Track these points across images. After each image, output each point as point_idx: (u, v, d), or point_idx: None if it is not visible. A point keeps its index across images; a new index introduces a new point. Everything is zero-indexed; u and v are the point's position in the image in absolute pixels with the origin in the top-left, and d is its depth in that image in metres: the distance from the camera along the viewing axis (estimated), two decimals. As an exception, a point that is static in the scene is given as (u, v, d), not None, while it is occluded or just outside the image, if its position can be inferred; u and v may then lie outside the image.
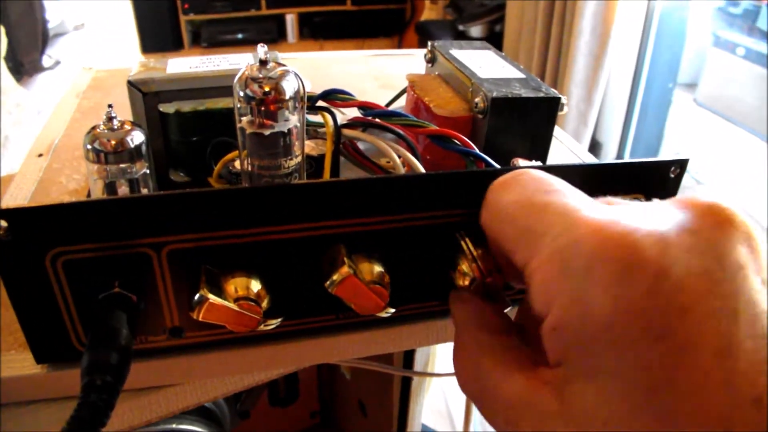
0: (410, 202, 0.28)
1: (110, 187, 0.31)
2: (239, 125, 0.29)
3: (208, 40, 3.41)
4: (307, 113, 0.34)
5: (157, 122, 0.38)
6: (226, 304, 0.26)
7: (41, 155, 0.49)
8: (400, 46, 3.57)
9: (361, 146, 0.38)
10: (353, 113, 0.37)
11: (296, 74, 0.29)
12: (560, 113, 0.37)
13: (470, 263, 0.28)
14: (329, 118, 0.33)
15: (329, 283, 0.27)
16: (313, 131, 0.38)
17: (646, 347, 0.18)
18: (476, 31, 2.66)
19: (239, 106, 0.29)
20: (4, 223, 0.25)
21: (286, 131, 0.29)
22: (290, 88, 0.28)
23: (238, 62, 0.40)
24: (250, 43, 3.43)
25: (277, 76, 0.28)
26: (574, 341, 0.19)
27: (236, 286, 0.27)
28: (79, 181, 0.45)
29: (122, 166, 0.31)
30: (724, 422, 0.16)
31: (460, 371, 0.24)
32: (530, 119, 0.36)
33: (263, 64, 0.28)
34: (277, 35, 3.52)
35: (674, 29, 2.05)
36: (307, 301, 0.30)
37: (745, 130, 1.91)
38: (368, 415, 0.80)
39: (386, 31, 3.64)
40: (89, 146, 0.31)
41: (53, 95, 2.92)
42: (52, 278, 0.26)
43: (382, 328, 0.33)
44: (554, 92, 0.36)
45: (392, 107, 0.47)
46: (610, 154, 2.26)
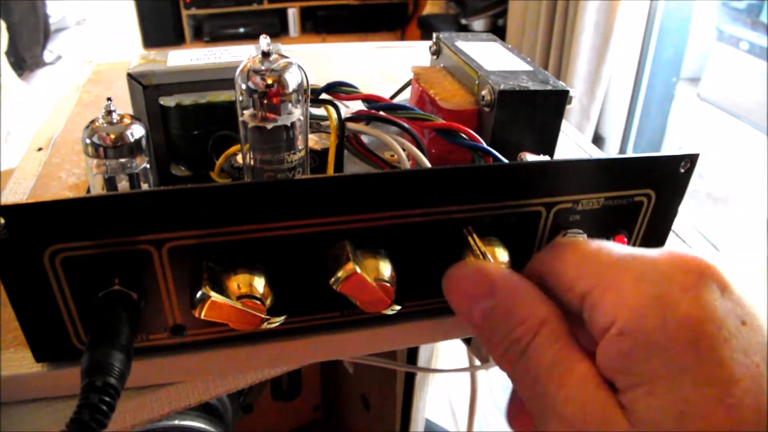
0: (416, 197, 0.27)
1: (110, 182, 0.31)
2: (241, 119, 0.28)
3: (210, 34, 3.40)
4: (310, 106, 0.34)
5: (157, 115, 0.38)
6: (228, 302, 0.25)
7: (41, 149, 0.48)
8: (402, 40, 3.56)
9: (365, 139, 0.37)
10: (357, 106, 0.37)
11: (299, 66, 0.28)
12: (567, 106, 0.36)
13: (478, 258, 0.27)
14: (333, 111, 0.33)
15: (334, 280, 0.26)
16: (315, 124, 0.37)
17: (722, 344, 0.20)
18: (479, 25, 2.65)
19: (241, 98, 0.28)
20: (1, 220, 0.24)
21: (289, 125, 0.28)
22: (293, 80, 0.27)
23: (239, 54, 0.40)
24: (252, 37, 3.42)
25: (279, 68, 0.27)
26: (644, 343, 0.21)
27: (239, 283, 0.26)
28: (79, 175, 0.44)
29: (122, 160, 0.30)
30: None
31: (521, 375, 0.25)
32: (538, 112, 0.35)
33: (266, 56, 0.27)
34: (279, 29, 3.51)
35: (677, 24, 2.04)
36: (311, 298, 0.29)
37: (748, 124, 1.90)
38: (371, 409, 0.80)
39: (389, 25, 3.63)
40: (88, 140, 0.30)
41: (55, 90, 2.91)
42: (50, 276, 0.26)
43: (387, 325, 0.32)
44: (562, 85, 0.36)
45: (396, 100, 0.47)
46: (612, 148, 2.26)
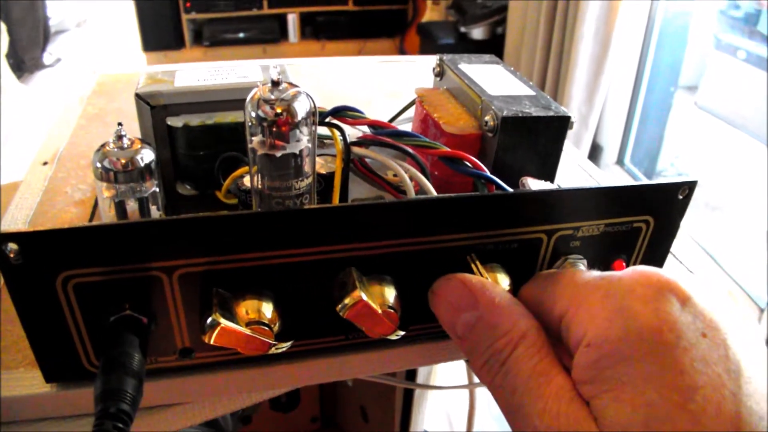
0: (421, 225, 0.28)
1: (119, 205, 0.31)
2: (250, 145, 0.29)
3: (209, 38, 3.40)
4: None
5: (164, 135, 0.38)
6: (238, 328, 0.26)
7: (46, 163, 0.49)
8: (401, 46, 3.57)
9: (367, 159, 0.38)
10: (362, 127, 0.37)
11: (308, 95, 0.29)
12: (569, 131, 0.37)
13: None
14: (339, 136, 0.33)
15: (341, 306, 0.27)
16: (319, 143, 0.38)
17: (681, 352, 0.21)
18: (478, 32, 2.66)
19: (250, 125, 0.29)
20: (14, 246, 0.24)
21: (297, 152, 0.29)
22: (302, 109, 0.28)
23: (246, 75, 0.40)
24: (251, 42, 3.43)
25: (289, 97, 0.28)
26: (609, 352, 0.22)
27: (247, 309, 0.27)
28: (85, 191, 0.45)
29: (132, 184, 0.31)
30: (734, 423, 0.20)
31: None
32: (540, 138, 0.36)
33: (275, 84, 0.28)
34: (278, 35, 3.51)
35: (676, 32, 2.05)
36: (316, 322, 0.30)
37: (745, 133, 1.91)
38: (369, 420, 0.80)
39: (388, 31, 3.64)
40: (99, 164, 0.30)
41: (54, 93, 2.92)
42: (62, 301, 0.26)
43: (390, 348, 0.33)
44: (564, 111, 0.36)
45: (400, 119, 0.47)
46: (610, 157, 2.26)
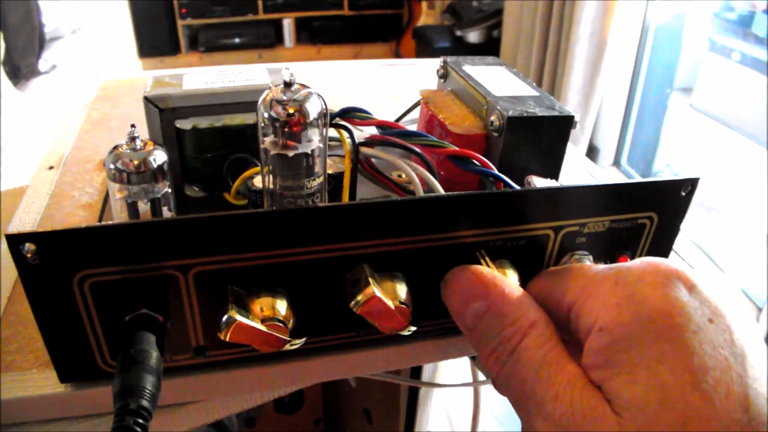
0: (431, 223, 0.28)
1: (132, 206, 0.32)
2: (262, 146, 0.29)
3: (205, 44, 3.40)
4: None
5: (173, 138, 0.38)
6: (253, 324, 0.26)
7: (52, 168, 0.49)
8: (397, 51, 3.58)
9: (374, 159, 0.39)
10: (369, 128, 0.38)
11: (319, 95, 0.29)
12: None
13: None
14: (347, 136, 0.34)
15: (354, 303, 0.27)
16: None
17: (691, 335, 0.22)
18: (474, 36, 2.67)
19: (263, 126, 0.29)
20: (32, 246, 0.25)
21: (309, 152, 0.29)
22: (314, 110, 0.28)
23: (253, 78, 0.41)
24: (247, 47, 3.43)
25: (301, 98, 0.28)
26: (621, 336, 0.23)
27: (262, 306, 0.27)
28: (92, 194, 0.45)
29: (144, 185, 0.31)
30: (743, 404, 0.21)
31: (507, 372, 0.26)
32: (544, 137, 0.37)
33: (288, 86, 0.28)
34: (274, 40, 3.52)
35: (671, 35, 2.07)
36: (329, 319, 0.30)
37: (740, 134, 1.92)
38: (373, 422, 0.81)
39: (383, 36, 3.65)
40: (112, 166, 0.31)
41: (51, 99, 2.91)
42: (78, 300, 0.26)
43: (401, 344, 0.33)
44: (568, 111, 0.37)
45: (404, 120, 0.48)
46: (607, 159, 2.27)
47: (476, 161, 0.33)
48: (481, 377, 0.55)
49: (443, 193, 0.33)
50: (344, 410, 0.89)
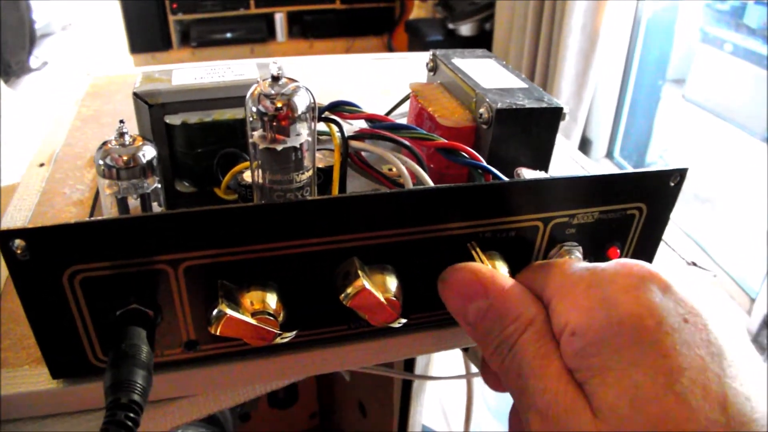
0: (421, 215, 0.29)
1: (122, 201, 0.32)
2: (251, 140, 0.29)
3: (197, 39, 3.39)
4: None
5: (163, 133, 0.38)
6: (244, 318, 0.26)
7: (43, 165, 0.49)
8: (389, 44, 3.57)
9: (364, 153, 0.39)
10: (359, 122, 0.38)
11: (307, 89, 0.29)
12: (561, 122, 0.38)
13: None
14: (336, 130, 0.34)
15: (344, 296, 0.27)
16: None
17: (663, 336, 0.22)
18: (466, 29, 2.67)
19: (251, 120, 0.29)
20: (22, 242, 0.25)
21: (297, 146, 0.29)
22: (302, 103, 0.28)
23: (242, 73, 0.41)
24: (239, 42, 3.42)
25: (289, 92, 0.28)
26: (593, 341, 0.23)
27: (252, 299, 0.27)
28: (83, 191, 0.45)
29: (134, 181, 0.31)
30: (721, 404, 0.21)
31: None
32: (534, 129, 0.37)
33: (276, 80, 0.28)
34: (266, 34, 3.50)
35: (663, 26, 2.07)
36: (320, 312, 0.30)
37: (733, 125, 1.92)
38: (368, 415, 0.81)
39: (376, 29, 3.64)
40: (101, 161, 0.31)
41: (42, 96, 2.90)
42: (69, 296, 0.26)
43: (392, 336, 0.33)
44: (557, 102, 0.37)
45: (394, 114, 0.48)
46: (600, 150, 2.28)
47: (465, 154, 0.33)
48: (474, 369, 0.55)
49: (432, 185, 0.33)
50: (339, 404, 0.89)
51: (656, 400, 0.21)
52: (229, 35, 3.42)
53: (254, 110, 0.28)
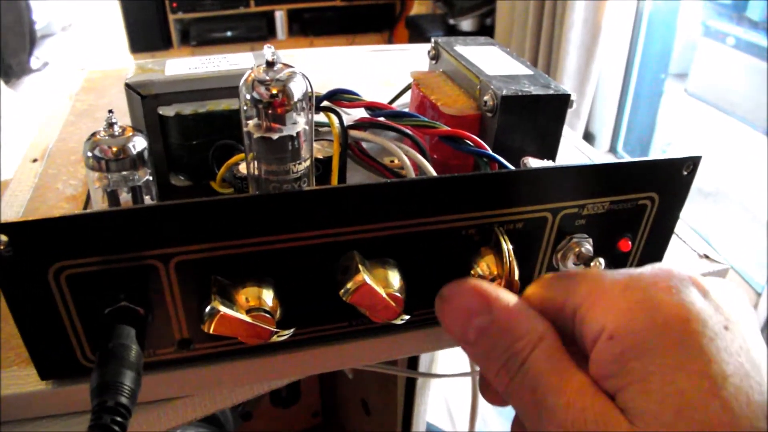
0: (424, 206, 0.27)
1: (112, 195, 0.30)
2: (245, 129, 0.28)
3: (197, 38, 3.38)
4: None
5: (156, 126, 0.37)
6: (238, 315, 0.25)
7: (36, 160, 0.48)
8: (390, 41, 3.56)
9: (365, 145, 0.37)
10: (358, 111, 0.37)
11: (303, 75, 0.28)
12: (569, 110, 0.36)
13: (505, 259, 0.28)
14: (335, 119, 0.32)
15: (344, 291, 0.26)
16: (315, 130, 0.37)
17: (708, 341, 0.22)
18: (467, 24, 2.65)
19: (245, 108, 0.28)
20: (4, 237, 0.23)
21: (294, 135, 0.28)
22: (298, 90, 0.27)
23: (238, 62, 0.39)
24: (239, 40, 3.41)
25: (284, 77, 0.27)
26: (634, 343, 0.22)
27: (248, 296, 0.26)
28: (76, 186, 0.44)
29: (124, 173, 0.30)
30: (764, 412, 0.21)
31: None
32: (540, 117, 0.35)
33: (270, 65, 0.27)
34: (266, 32, 3.49)
35: (665, 20, 2.05)
36: (319, 309, 0.29)
37: (736, 119, 1.91)
38: (371, 413, 0.80)
39: (376, 26, 3.63)
40: (89, 153, 0.30)
41: (42, 97, 2.89)
42: (55, 293, 0.25)
43: (394, 333, 0.32)
44: (563, 89, 0.36)
45: (396, 105, 0.46)
46: (603, 145, 2.27)
47: (469, 141, 0.31)
48: (478, 367, 0.54)
49: (435, 174, 0.31)
50: (342, 402, 0.88)
51: (702, 406, 0.20)
52: (229, 34, 3.41)
53: (248, 97, 0.27)
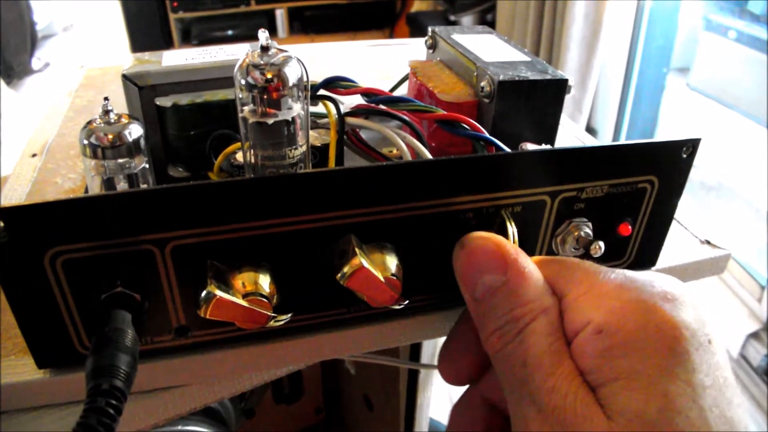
0: (420, 189, 0.27)
1: (109, 183, 0.30)
2: (241, 115, 0.28)
3: (198, 37, 3.38)
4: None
5: (154, 116, 0.37)
6: (234, 300, 0.25)
7: (35, 155, 0.48)
8: (391, 38, 3.55)
9: (363, 135, 0.37)
10: (355, 101, 0.36)
11: (299, 60, 0.28)
12: (567, 95, 0.36)
13: (510, 239, 0.28)
14: (332, 106, 0.32)
15: (341, 275, 0.26)
16: (313, 122, 0.37)
17: (694, 351, 0.22)
18: (468, 21, 2.65)
19: (240, 95, 0.28)
20: (-1, 222, 0.23)
21: (290, 119, 0.28)
22: (293, 74, 0.27)
23: (234, 53, 0.39)
24: (240, 39, 3.41)
25: (279, 62, 0.27)
26: (623, 341, 0.23)
27: (244, 281, 0.26)
28: (75, 180, 0.44)
29: (120, 161, 0.30)
30: (729, 427, 0.22)
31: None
32: (538, 102, 0.35)
33: (265, 50, 0.27)
34: (267, 30, 3.49)
35: (666, 14, 2.05)
36: (317, 294, 0.29)
37: (737, 113, 1.90)
38: (374, 409, 0.80)
39: (377, 23, 3.62)
40: (86, 141, 0.29)
41: (45, 97, 2.90)
42: (51, 279, 0.25)
43: (394, 320, 0.32)
44: (561, 74, 0.35)
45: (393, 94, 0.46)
46: (605, 140, 2.26)
47: (466, 125, 0.31)
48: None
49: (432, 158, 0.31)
50: (344, 398, 0.88)
51: (683, 411, 0.21)
52: (230, 32, 3.41)
53: (243, 83, 0.27)
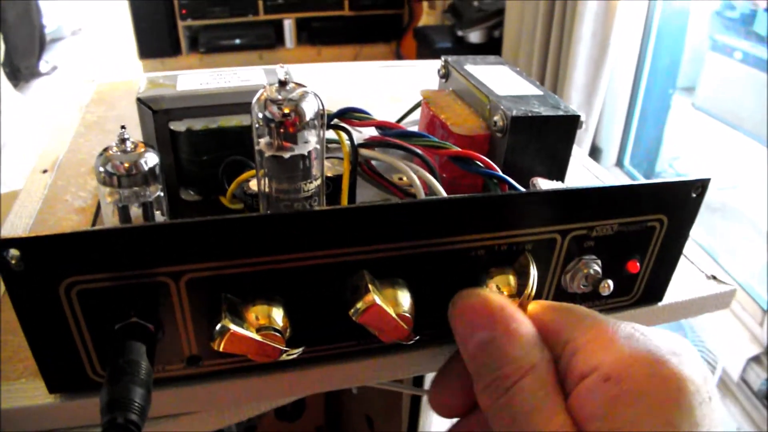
0: (434, 226, 0.27)
1: (123, 210, 0.30)
2: (257, 147, 0.28)
3: (205, 45, 3.39)
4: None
5: (167, 140, 0.37)
6: (248, 334, 0.25)
7: (46, 171, 0.48)
8: (398, 51, 3.57)
9: (374, 162, 0.37)
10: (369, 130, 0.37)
11: (315, 95, 0.28)
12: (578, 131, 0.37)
13: (530, 284, 0.28)
14: (346, 138, 0.33)
15: (354, 311, 0.26)
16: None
17: (697, 406, 0.22)
18: (475, 36, 2.66)
19: (257, 127, 0.28)
20: (15, 252, 0.24)
21: (305, 154, 0.28)
22: (310, 109, 0.27)
23: (248, 78, 0.40)
24: (247, 48, 3.42)
25: (297, 97, 0.27)
26: (631, 390, 0.22)
27: (257, 314, 0.26)
28: (85, 198, 0.44)
29: (135, 189, 0.30)
30: None
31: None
32: (550, 137, 0.35)
33: (283, 84, 0.27)
34: (275, 41, 3.51)
35: (673, 34, 2.05)
36: (328, 328, 0.29)
37: (743, 133, 1.90)
38: (375, 429, 0.80)
39: (384, 36, 3.64)
40: (102, 169, 0.30)
41: (51, 101, 2.91)
42: (66, 308, 0.25)
43: (404, 352, 0.32)
44: (573, 110, 0.36)
45: (405, 122, 0.47)
46: (610, 159, 2.26)
47: (479, 162, 0.31)
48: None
49: (446, 195, 0.32)
50: (346, 417, 0.88)
51: None
52: (237, 41, 3.42)
53: (260, 116, 0.27)
